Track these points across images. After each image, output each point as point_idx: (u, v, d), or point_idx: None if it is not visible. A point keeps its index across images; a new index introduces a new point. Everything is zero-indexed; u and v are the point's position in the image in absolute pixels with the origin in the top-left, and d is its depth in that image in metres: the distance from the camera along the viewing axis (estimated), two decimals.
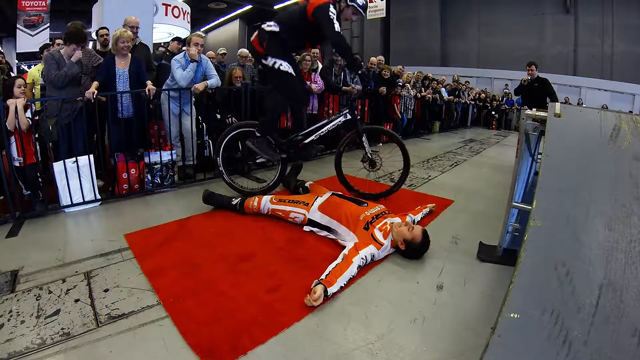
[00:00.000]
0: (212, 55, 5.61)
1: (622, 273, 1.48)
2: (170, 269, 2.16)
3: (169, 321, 1.72)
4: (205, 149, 4.38)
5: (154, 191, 3.60)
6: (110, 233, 2.67)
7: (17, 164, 2.88)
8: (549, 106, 2.23)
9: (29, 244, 2.50)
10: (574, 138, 2.08)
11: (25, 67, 6.12)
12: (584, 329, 1.33)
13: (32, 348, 1.53)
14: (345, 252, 2.18)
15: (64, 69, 3.15)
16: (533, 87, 5.65)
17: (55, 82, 3.15)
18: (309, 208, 2.70)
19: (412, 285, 2.11)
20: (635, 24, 11.30)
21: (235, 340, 1.59)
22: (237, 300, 1.89)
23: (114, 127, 3.47)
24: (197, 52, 3.64)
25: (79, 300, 1.86)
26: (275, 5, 16.57)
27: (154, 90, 3.47)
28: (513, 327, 1.37)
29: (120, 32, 3.43)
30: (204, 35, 3.84)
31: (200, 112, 4.25)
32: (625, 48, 11.58)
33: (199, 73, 3.78)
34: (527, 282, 1.53)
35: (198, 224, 2.84)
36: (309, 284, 1.94)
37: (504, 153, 6.66)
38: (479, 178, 4.69)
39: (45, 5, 8.10)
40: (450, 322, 1.80)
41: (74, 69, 3.20)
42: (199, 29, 21.38)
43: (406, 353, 1.58)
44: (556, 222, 1.74)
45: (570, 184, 1.88)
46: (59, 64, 3.18)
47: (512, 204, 2.28)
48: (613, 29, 11.72)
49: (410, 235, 2.31)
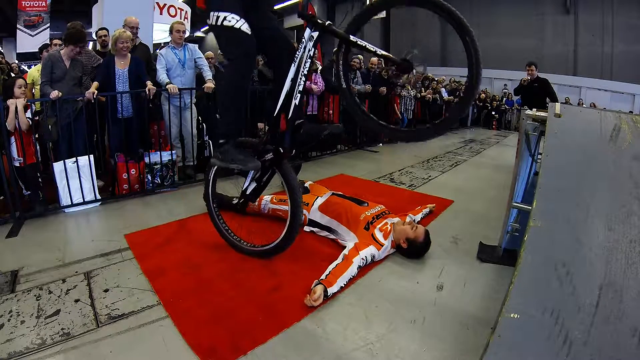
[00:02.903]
0: (211, 55, 5.60)
1: (622, 273, 1.48)
2: (170, 269, 2.16)
3: (169, 321, 1.72)
4: (205, 149, 4.38)
5: (154, 191, 3.60)
6: (110, 233, 2.67)
7: (17, 164, 2.89)
8: (549, 106, 2.23)
9: (29, 244, 2.50)
10: (574, 138, 2.08)
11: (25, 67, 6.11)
12: (584, 329, 1.33)
13: (32, 348, 1.53)
14: (346, 252, 2.18)
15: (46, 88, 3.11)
16: (533, 87, 5.65)
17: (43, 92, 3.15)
18: (309, 208, 2.69)
19: (412, 285, 2.11)
20: (635, 24, 11.29)
21: (236, 340, 1.59)
22: (237, 300, 1.89)
23: (114, 127, 3.47)
24: (180, 37, 3.82)
25: (79, 300, 1.86)
26: (275, 6, 16.58)
27: (153, 90, 3.47)
28: (513, 327, 1.37)
29: (119, 33, 3.44)
30: (184, 23, 3.98)
31: (200, 112, 4.25)
32: (625, 48, 11.57)
33: (187, 58, 3.87)
34: (527, 282, 1.53)
35: (198, 224, 2.84)
36: (309, 284, 1.94)
37: (504, 153, 6.66)
38: (479, 178, 4.69)
39: (45, 6, 8.11)
40: (450, 322, 1.80)
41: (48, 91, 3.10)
42: (199, 29, 21.43)
43: (406, 353, 1.58)
44: (556, 222, 1.74)
45: (570, 184, 1.88)
46: (54, 67, 3.18)
47: (512, 204, 2.28)
48: (613, 29, 11.71)
49: (413, 234, 2.31)
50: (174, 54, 3.82)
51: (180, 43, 3.86)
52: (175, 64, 3.81)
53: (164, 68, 3.73)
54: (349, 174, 4.47)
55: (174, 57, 3.81)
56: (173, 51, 3.83)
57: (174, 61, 3.80)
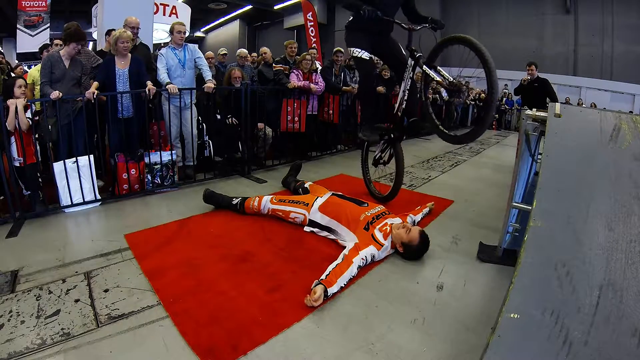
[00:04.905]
0: (211, 55, 5.61)
1: (622, 273, 1.48)
2: (170, 269, 2.16)
3: (169, 321, 1.72)
4: (205, 149, 4.38)
5: (154, 191, 3.61)
6: (110, 233, 2.67)
7: (17, 164, 2.88)
8: (549, 106, 2.23)
9: (29, 244, 2.50)
10: (574, 138, 2.08)
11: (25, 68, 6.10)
12: (584, 329, 1.33)
13: (32, 348, 1.53)
14: (346, 253, 2.18)
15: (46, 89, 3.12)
16: (533, 87, 5.64)
17: (43, 92, 3.15)
18: (309, 208, 2.70)
19: (412, 286, 2.11)
20: (635, 24, 11.28)
21: (235, 341, 1.59)
22: (237, 300, 1.89)
23: (114, 127, 3.47)
24: (180, 38, 3.85)
25: (79, 300, 1.86)
26: (276, 6, 16.59)
27: (154, 91, 3.47)
28: (513, 327, 1.37)
29: (119, 33, 3.44)
30: (184, 24, 4.02)
31: (200, 112, 4.26)
32: (625, 48, 11.56)
33: (187, 58, 3.88)
34: (527, 282, 1.53)
35: (198, 224, 2.84)
36: (309, 284, 1.94)
37: (504, 153, 6.67)
38: (479, 178, 4.69)
39: (45, 6, 8.12)
40: (450, 322, 1.79)
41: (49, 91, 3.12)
42: (199, 29, 21.42)
43: (406, 353, 1.58)
44: (556, 222, 1.74)
45: (570, 184, 1.88)
46: (53, 68, 3.18)
47: (512, 204, 2.28)
48: (613, 29, 11.70)
49: (407, 238, 2.31)
50: (174, 55, 3.83)
51: (180, 44, 3.87)
52: (175, 64, 3.82)
53: (164, 67, 3.74)
54: (349, 174, 4.47)
55: (174, 57, 3.82)
56: (173, 52, 3.84)
57: (174, 61, 3.81)
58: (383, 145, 3.42)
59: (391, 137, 3.29)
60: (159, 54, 3.91)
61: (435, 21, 2.90)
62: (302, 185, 3.32)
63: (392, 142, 3.32)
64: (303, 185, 3.31)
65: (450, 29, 2.78)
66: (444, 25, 2.93)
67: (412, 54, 2.83)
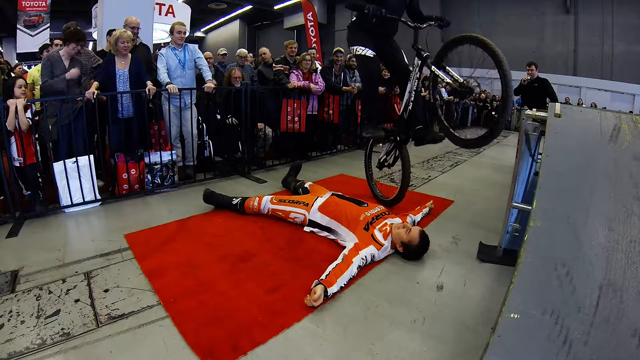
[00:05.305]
0: (210, 56, 5.60)
1: (622, 273, 1.48)
2: (170, 269, 2.16)
3: (169, 321, 1.72)
4: (205, 149, 4.38)
5: (154, 191, 3.61)
6: (111, 233, 2.67)
7: (17, 164, 2.89)
8: (549, 106, 2.23)
9: (29, 244, 2.50)
10: (574, 138, 2.08)
11: (25, 68, 6.10)
12: (584, 329, 1.33)
13: (32, 348, 1.53)
14: (346, 253, 2.18)
15: (55, 78, 3.13)
16: (533, 87, 5.64)
17: (46, 90, 3.15)
18: (309, 209, 2.70)
19: (412, 285, 2.11)
20: (635, 24, 11.28)
21: (235, 341, 1.59)
22: (237, 300, 1.89)
23: (114, 127, 3.47)
24: (180, 39, 3.85)
25: (79, 300, 1.86)
26: (276, 6, 16.59)
27: (154, 91, 3.47)
28: (513, 327, 1.37)
29: (120, 32, 3.44)
30: (184, 23, 4.02)
31: (200, 113, 4.26)
32: (625, 48, 11.57)
33: (187, 58, 3.89)
34: (527, 282, 1.53)
35: (198, 224, 2.84)
36: (309, 284, 1.94)
37: (504, 153, 6.66)
38: (479, 178, 4.69)
39: (45, 6, 8.11)
40: (450, 322, 1.79)
41: (61, 85, 3.16)
42: (199, 29, 21.42)
43: (406, 353, 1.58)
44: (556, 222, 1.74)
45: (570, 184, 1.88)
46: (53, 67, 3.18)
47: (512, 204, 2.28)
48: (613, 29, 11.71)
49: (407, 238, 2.31)
50: (174, 55, 3.83)
51: (180, 44, 3.87)
52: (176, 64, 3.82)
53: (165, 67, 3.74)
54: (349, 174, 4.47)
55: (175, 57, 3.82)
56: (173, 52, 3.84)
57: (174, 62, 3.81)
58: (389, 147, 3.34)
59: (397, 140, 3.19)
60: (159, 54, 3.91)
61: (441, 18, 2.80)
62: (302, 185, 3.32)
63: (398, 145, 3.23)
64: (303, 185, 3.31)
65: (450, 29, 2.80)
66: (450, 23, 2.83)
67: (419, 53, 2.70)
